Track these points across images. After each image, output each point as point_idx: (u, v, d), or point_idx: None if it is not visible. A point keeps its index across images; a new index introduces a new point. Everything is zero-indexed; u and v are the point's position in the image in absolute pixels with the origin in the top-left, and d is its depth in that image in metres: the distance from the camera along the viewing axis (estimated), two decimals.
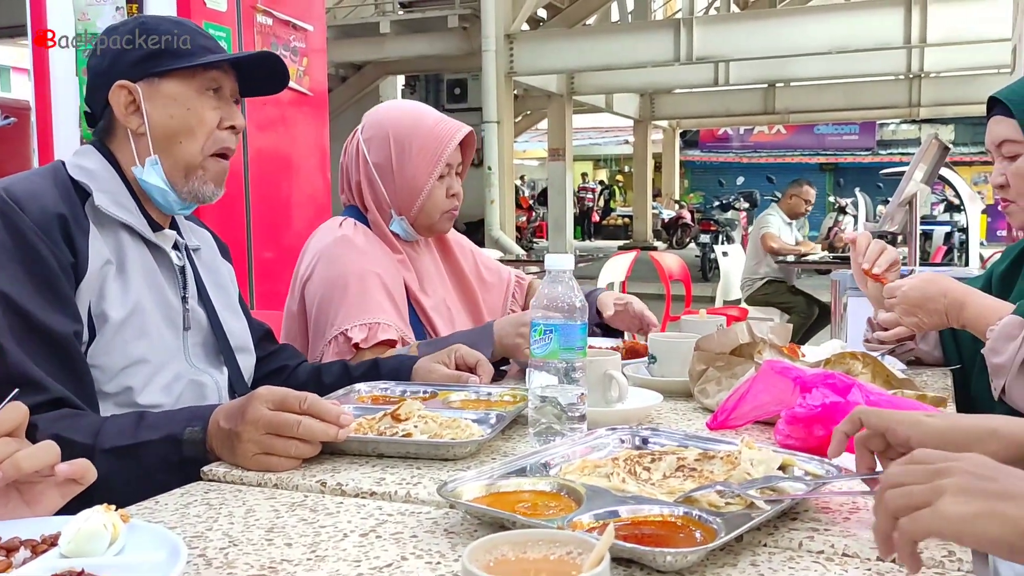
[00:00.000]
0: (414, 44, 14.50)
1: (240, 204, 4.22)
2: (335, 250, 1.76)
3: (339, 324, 1.69)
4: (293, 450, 1.09)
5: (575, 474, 1.01)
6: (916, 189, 3.59)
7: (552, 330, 1.15)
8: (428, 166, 1.78)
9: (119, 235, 1.31)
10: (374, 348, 1.68)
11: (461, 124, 1.83)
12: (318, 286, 1.73)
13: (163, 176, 1.34)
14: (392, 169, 1.78)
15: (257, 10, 4.28)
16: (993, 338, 1.38)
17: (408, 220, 1.82)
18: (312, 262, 1.77)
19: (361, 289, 1.71)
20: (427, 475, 1.07)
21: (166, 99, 1.34)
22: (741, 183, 22.51)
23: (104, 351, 1.25)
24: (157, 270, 1.35)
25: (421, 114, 1.83)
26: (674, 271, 6.37)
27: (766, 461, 0.98)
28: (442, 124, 1.81)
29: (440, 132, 1.79)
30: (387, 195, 1.80)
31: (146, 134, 1.33)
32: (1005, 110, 1.51)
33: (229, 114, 1.38)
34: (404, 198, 1.80)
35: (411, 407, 1.20)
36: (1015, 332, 1.35)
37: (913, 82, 16.06)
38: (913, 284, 1.53)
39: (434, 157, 1.78)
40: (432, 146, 1.78)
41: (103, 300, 1.25)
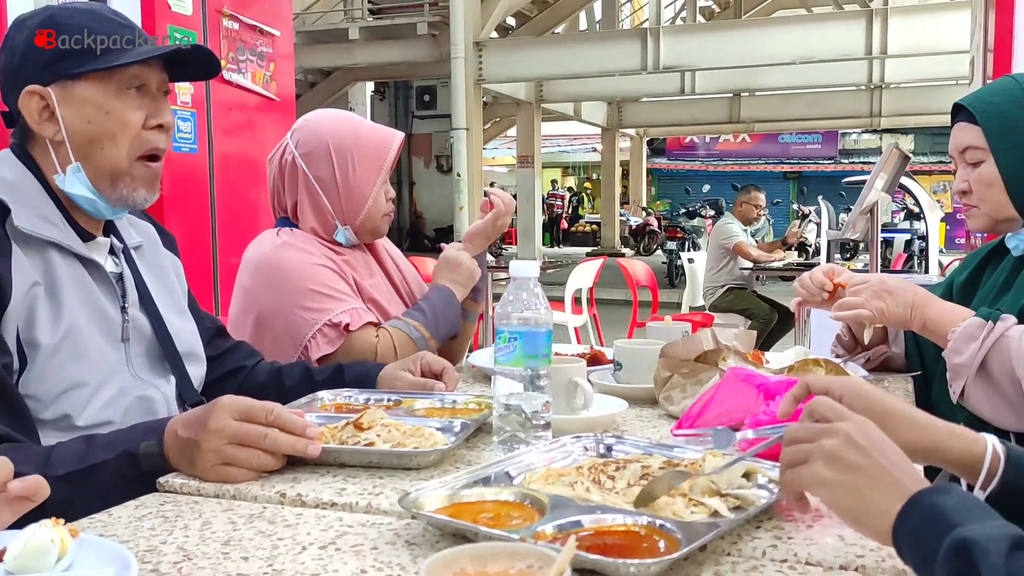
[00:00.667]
0: (383, 51, 14.47)
1: (205, 210, 4.16)
2: (281, 253, 1.74)
3: (318, 317, 1.67)
4: (255, 461, 1.07)
5: (539, 483, 1.00)
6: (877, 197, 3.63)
7: (517, 337, 1.14)
8: (373, 174, 1.80)
9: (46, 253, 1.21)
10: (363, 329, 1.69)
11: (393, 130, 1.87)
12: (274, 291, 1.71)
13: (88, 184, 1.25)
14: (336, 181, 1.78)
15: (223, 15, 4.23)
16: (955, 339, 1.39)
17: (352, 228, 1.82)
18: (259, 270, 1.74)
19: (323, 281, 1.71)
20: (389, 485, 1.05)
21: (82, 103, 1.22)
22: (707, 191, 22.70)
23: (38, 379, 1.17)
24: (92, 283, 1.26)
25: (356, 123, 1.84)
26: (641, 278, 6.41)
27: (730, 469, 0.97)
28: (379, 131, 1.84)
29: (379, 140, 1.81)
30: (331, 207, 1.79)
31: (64, 141, 1.23)
32: (969, 117, 1.52)
33: (156, 111, 1.27)
34: (351, 208, 1.80)
35: (374, 416, 1.19)
36: (976, 333, 1.36)
37: (874, 92, 16.32)
38: (881, 278, 1.55)
39: (378, 165, 1.80)
40: (375, 155, 1.80)
41: (32, 326, 1.17)
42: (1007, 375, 1.32)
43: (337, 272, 1.75)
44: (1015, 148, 1.47)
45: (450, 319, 1.84)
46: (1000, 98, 1.50)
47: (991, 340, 1.34)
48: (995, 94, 1.51)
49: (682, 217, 15.24)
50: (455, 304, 1.85)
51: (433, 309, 1.81)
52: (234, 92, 4.26)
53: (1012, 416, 1.34)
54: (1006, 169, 1.48)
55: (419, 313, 1.79)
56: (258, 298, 1.73)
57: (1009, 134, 1.47)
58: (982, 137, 1.50)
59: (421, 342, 1.74)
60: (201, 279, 4.07)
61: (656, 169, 25.84)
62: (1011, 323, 1.35)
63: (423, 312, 1.80)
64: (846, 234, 3.92)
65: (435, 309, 1.81)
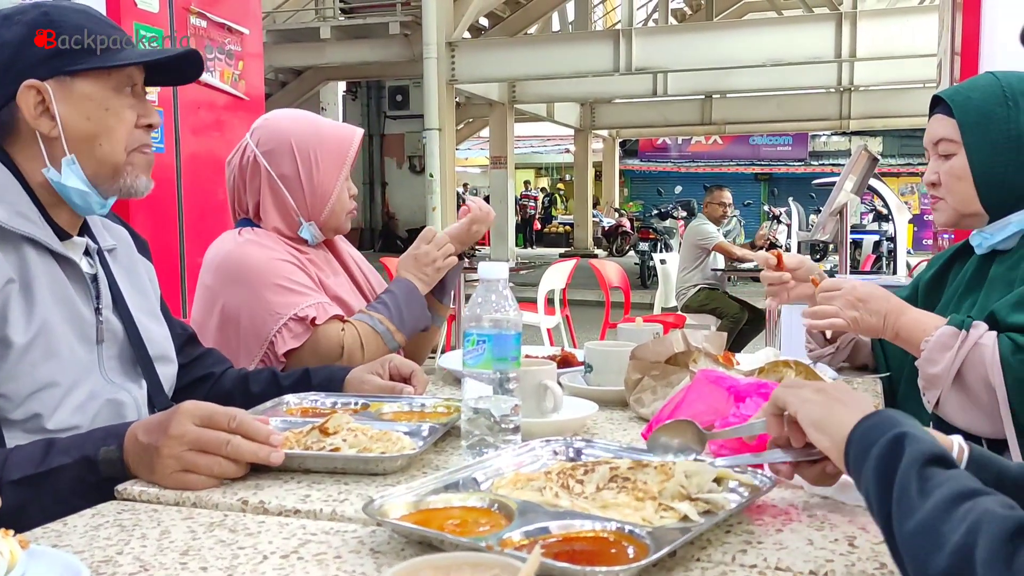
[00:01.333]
0: (355, 50, 14.40)
1: (172, 209, 4.11)
2: (243, 249, 1.73)
3: (283, 311, 1.66)
4: (216, 468, 1.05)
5: (507, 488, 0.98)
6: (847, 199, 3.66)
7: (485, 340, 1.13)
8: (336, 170, 1.81)
9: (22, 250, 1.20)
10: (329, 323, 1.68)
11: (353, 127, 1.88)
12: (238, 287, 1.68)
13: (83, 177, 1.25)
14: (300, 178, 1.78)
15: (191, 12, 4.18)
16: (929, 348, 1.39)
17: (317, 224, 1.82)
18: (221, 268, 1.72)
19: (287, 276, 1.70)
20: (355, 491, 1.03)
21: (81, 100, 1.23)
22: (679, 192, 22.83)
23: (9, 378, 1.15)
24: (67, 282, 1.25)
25: (316, 120, 1.85)
26: (613, 279, 6.42)
27: (700, 472, 0.96)
28: (339, 128, 1.85)
29: (341, 136, 1.82)
30: (295, 204, 1.79)
31: (60, 137, 1.23)
32: (946, 109, 1.53)
33: (145, 112, 1.30)
34: (315, 204, 1.80)
35: (340, 420, 1.16)
36: (950, 343, 1.36)
37: (843, 95, 16.48)
38: (861, 282, 1.54)
39: (340, 161, 1.81)
40: (337, 150, 1.80)
41: (6, 324, 1.15)
42: (982, 383, 1.33)
43: (300, 267, 1.74)
44: (987, 143, 1.47)
45: (415, 312, 1.83)
46: (978, 93, 1.50)
47: (965, 349, 1.34)
48: (974, 89, 1.51)
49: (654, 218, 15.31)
50: (418, 297, 1.85)
51: (396, 302, 1.80)
52: (202, 91, 4.21)
53: (987, 423, 1.34)
54: (977, 164, 1.48)
55: (382, 307, 1.79)
56: (221, 296, 1.70)
57: (983, 129, 1.47)
58: (956, 130, 1.50)
59: (387, 335, 1.74)
60: (168, 280, 4.01)
61: (629, 170, 25.94)
62: (983, 330, 1.35)
63: (386, 305, 1.79)
64: (816, 235, 3.95)
65: (398, 302, 1.80)
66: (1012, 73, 1.52)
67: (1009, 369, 1.30)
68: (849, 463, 0.82)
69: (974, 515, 0.63)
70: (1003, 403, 1.31)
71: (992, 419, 1.34)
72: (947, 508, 0.65)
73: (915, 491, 0.69)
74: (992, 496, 0.66)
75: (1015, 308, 1.35)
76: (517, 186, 23.58)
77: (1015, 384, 1.29)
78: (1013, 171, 1.46)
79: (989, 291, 1.49)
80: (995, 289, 1.48)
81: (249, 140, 1.80)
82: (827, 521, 0.93)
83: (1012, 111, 1.46)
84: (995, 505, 0.64)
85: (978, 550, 0.60)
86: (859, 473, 0.79)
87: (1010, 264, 1.47)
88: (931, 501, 0.67)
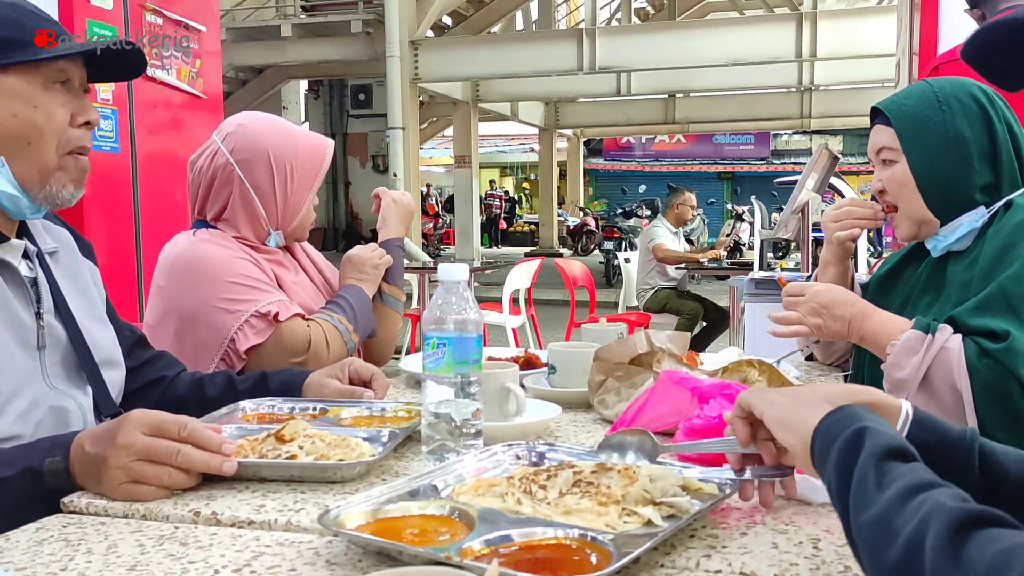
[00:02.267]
0: (317, 48, 14.26)
1: (128, 211, 4.03)
2: (198, 248, 1.69)
3: (244, 307, 1.62)
4: (166, 479, 1.01)
5: (469, 495, 0.96)
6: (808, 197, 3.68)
7: (446, 343, 1.10)
8: (308, 183, 1.81)
9: None
10: (293, 320, 1.66)
11: (326, 138, 1.88)
12: (193, 288, 1.64)
13: (12, 180, 1.19)
14: (275, 191, 1.75)
15: (146, 9, 4.10)
16: (895, 352, 1.39)
17: (283, 234, 1.81)
18: (175, 268, 1.68)
19: (245, 272, 1.67)
20: (311, 500, 1.01)
21: (7, 96, 1.16)
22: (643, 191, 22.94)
23: None
24: (4, 287, 1.20)
25: (292, 131, 1.82)
26: (578, 278, 6.42)
27: (665, 477, 0.95)
28: (314, 141, 1.84)
29: (315, 151, 1.82)
30: (265, 215, 1.76)
31: None
32: (885, 119, 1.56)
33: (82, 109, 1.23)
34: (286, 216, 1.79)
35: (296, 427, 1.13)
36: (916, 347, 1.36)
37: (804, 94, 16.68)
38: (823, 286, 1.54)
39: (313, 174, 1.81)
40: (311, 164, 1.80)
41: None
42: (948, 387, 1.33)
43: (257, 265, 1.71)
44: (926, 147, 1.50)
45: (366, 315, 1.84)
46: (913, 100, 1.53)
47: (932, 354, 1.34)
48: (909, 97, 1.55)
49: (619, 217, 15.37)
50: (367, 300, 1.86)
51: (350, 304, 1.80)
52: (158, 89, 4.13)
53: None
54: (917, 168, 1.51)
55: (338, 307, 1.78)
56: (176, 297, 1.66)
57: (920, 134, 1.50)
58: (895, 138, 1.53)
59: (346, 334, 1.74)
60: (124, 283, 3.93)
61: (593, 169, 26.03)
62: (948, 334, 1.35)
63: (341, 307, 1.78)
64: (778, 234, 3.97)
65: (351, 304, 1.80)
66: (944, 79, 1.56)
67: (976, 374, 1.30)
68: (814, 458, 0.82)
69: (926, 507, 0.63)
70: (969, 406, 1.31)
71: (958, 423, 1.35)
72: (901, 500, 0.66)
73: (872, 484, 0.70)
74: (945, 488, 0.66)
75: (975, 312, 1.36)
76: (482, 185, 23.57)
77: (982, 389, 1.30)
78: (954, 172, 1.48)
79: (947, 293, 1.50)
80: (953, 290, 1.49)
81: (221, 145, 1.74)
82: (792, 523, 0.92)
83: (947, 114, 1.49)
84: (947, 497, 0.64)
85: (927, 541, 0.60)
86: (823, 467, 0.79)
87: (965, 265, 1.48)
88: (887, 494, 0.67)
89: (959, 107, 1.49)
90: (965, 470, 0.87)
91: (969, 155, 1.48)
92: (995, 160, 1.48)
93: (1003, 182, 1.49)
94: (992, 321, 1.33)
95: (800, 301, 1.54)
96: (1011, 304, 1.33)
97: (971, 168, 1.48)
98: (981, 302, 1.36)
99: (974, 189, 1.48)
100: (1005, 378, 1.28)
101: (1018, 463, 0.87)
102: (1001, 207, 1.47)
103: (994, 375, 1.29)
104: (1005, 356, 1.29)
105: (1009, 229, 1.40)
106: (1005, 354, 1.29)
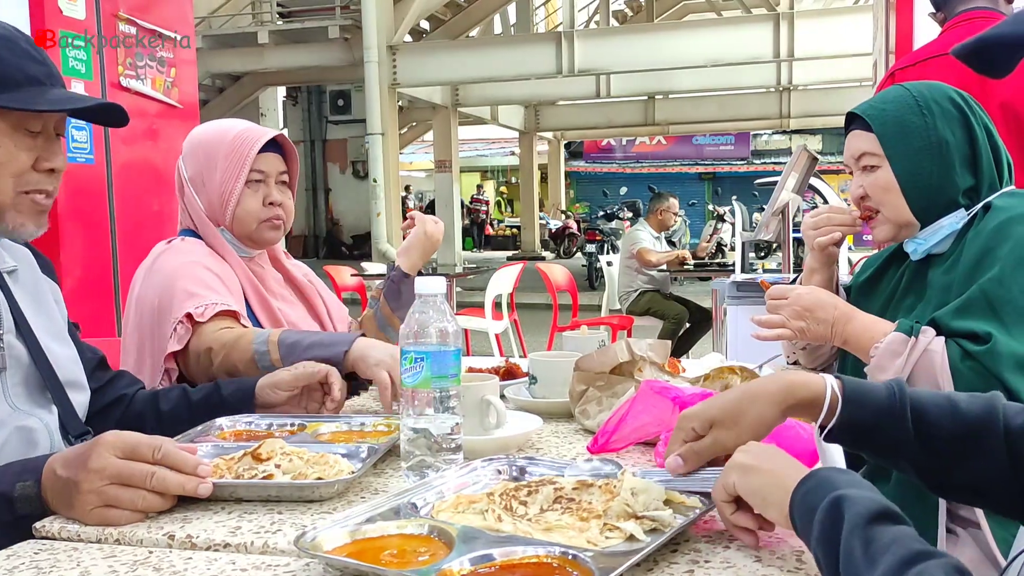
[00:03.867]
0: (294, 55, 14.19)
1: (104, 223, 3.98)
2: (163, 258, 1.68)
3: (175, 315, 1.57)
4: (140, 502, 0.99)
5: (448, 512, 0.95)
6: (788, 198, 3.69)
7: (423, 358, 1.09)
8: (234, 171, 1.73)
9: None
10: (215, 320, 1.56)
11: (269, 130, 1.79)
12: (151, 296, 1.63)
13: None
14: (203, 179, 1.74)
15: (120, 18, 4.05)
16: (878, 355, 1.39)
17: (229, 231, 1.76)
18: (141, 278, 1.67)
19: (197, 278, 1.62)
20: (289, 521, 0.99)
21: None
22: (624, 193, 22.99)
23: None
24: None
25: (232, 125, 1.80)
26: (560, 282, 6.41)
27: (647, 490, 0.94)
28: (249, 131, 1.78)
29: (245, 137, 1.75)
30: (203, 207, 1.74)
31: None
32: (863, 124, 1.55)
33: (48, 154, 1.21)
34: (216, 207, 1.74)
35: (273, 445, 1.11)
36: (900, 349, 1.36)
37: (783, 94, 16.77)
38: (806, 289, 1.53)
39: (239, 161, 1.73)
40: (236, 151, 1.73)
41: None
42: (932, 389, 1.33)
43: (213, 269, 1.66)
44: (910, 152, 1.50)
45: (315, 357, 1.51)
46: (893, 105, 1.53)
47: (915, 356, 1.34)
48: (887, 102, 1.55)
49: (600, 220, 15.39)
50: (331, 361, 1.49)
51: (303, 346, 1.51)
52: (133, 99, 4.08)
53: None
54: (902, 173, 1.51)
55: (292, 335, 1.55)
56: (138, 308, 1.65)
57: (903, 139, 1.50)
58: (877, 143, 1.52)
59: (264, 358, 1.50)
60: (101, 296, 3.88)
61: (574, 172, 26.04)
62: (931, 336, 1.35)
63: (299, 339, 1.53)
64: (759, 235, 3.97)
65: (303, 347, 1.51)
66: (919, 83, 1.56)
67: (959, 376, 1.30)
68: (798, 531, 0.81)
69: None
70: None
71: None
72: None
73: (860, 556, 0.69)
74: (938, 559, 0.66)
75: (957, 315, 1.36)
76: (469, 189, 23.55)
77: (965, 391, 1.29)
78: (937, 177, 1.49)
79: (929, 296, 1.50)
80: (934, 293, 1.49)
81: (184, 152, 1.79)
82: (774, 536, 0.91)
83: (928, 118, 1.49)
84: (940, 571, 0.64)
85: None
86: (807, 540, 0.79)
87: (946, 267, 1.49)
88: (878, 570, 0.66)
89: (939, 111, 1.49)
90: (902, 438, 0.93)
91: (951, 159, 1.48)
92: (975, 163, 1.49)
93: (983, 184, 1.49)
94: (974, 323, 1.33)
95: (783, 304, 1.54)
96: (992, 307, 1.33)
97: (953, 172, 1.48)
98: (963, 304, 1.36)
99: (956, 192, 1.48)
100: (988, 380, 1.28)
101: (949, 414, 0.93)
102: (980, 209, 1.47)
103: (977, 377, 1.30)
104: (988, 358, 1.29)
105: (989, 232, 1.40)
106: (987, 356, 1.29)
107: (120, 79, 4.03)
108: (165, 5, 4.38)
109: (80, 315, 2.63)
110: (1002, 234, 1.38)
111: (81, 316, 2.70)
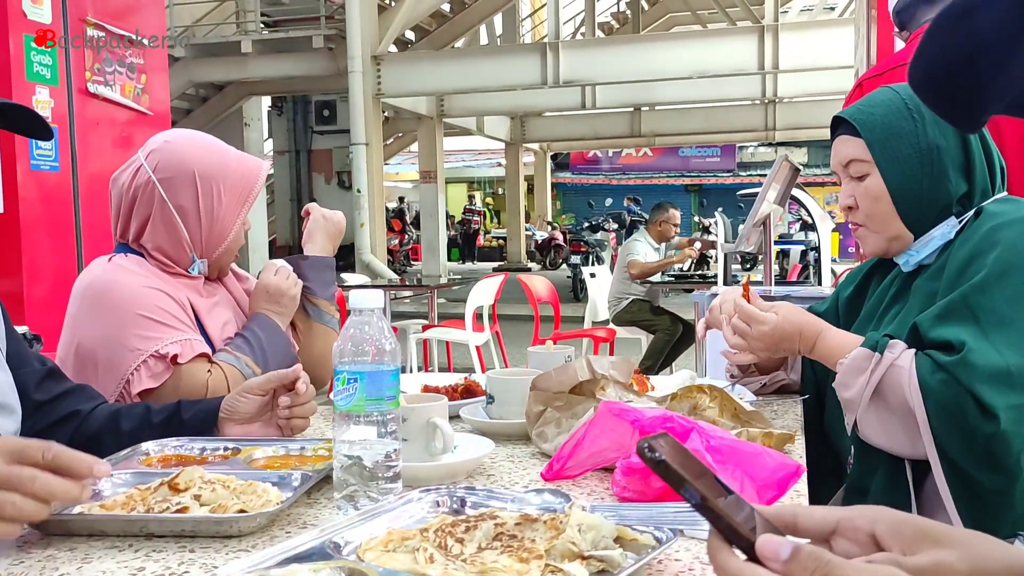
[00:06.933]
0: (278, 64, 14.09)
1: (70, 232, 3.87)
2: (111, 276, 1.56)
3: (144, 346, 1.49)
4: (9, 508, 0.88)
5: (377, 551, 0.85)
6: (770, 210, 3.63)
7: (357, 378, 1.00)
8: (237, 206, 1.67)
9: None
10: (194, 362, 1.52)
11: (260, 160, 1.75)
12: (99, 318, 1.52)
13: None
14: (199, 213, 1.63)
15: (87, 23, 3.96)
16: (842, 372, 1.31)
17: (208, 261, 1.67)
18: (85, 297, 1.56)
19: (155, 304, 1.53)
20: (199, 560, 0.89)
21: None
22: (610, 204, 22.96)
23: None
24: None
25: (223, 151, 1.69)
26: (543, 293, 6.32)
27: (597, 527, 0.85)
28: (246, 162, 1.70)
29: (246, 171, 1.68)
30: (189, 238, 1.63)
31: None
32: (850, 129, 1.45)
33: None
34: (211, 241, 1.65)
35: (192, 474, 1.02)
36: (864, 365, 1.28)
37: (768, 107, 16.79)
38: (770, 326, 1.43)
39: (243, 198, 1.67)
40: (241, 187, 1.66)
41: None
42: (901, 406, 1.25)
43: (171, 298, 1.57)
44: (899, 159, 1.40)
45: (278, 352, 1.67)
46: (881, 109, 1.43)
47: (879, 373, 1.26)
48: (875, 105, 1.44)
49: (586, 231, 15.33)
50: (280, 335, 1.70)
51: (259, 342, 1.64)
52: (101, 106, 3.99)
53: (907, 445, 1.27)
54: (892, 181, 1.41)
55: (246, 345, 1.62)
56: (81, 328, 1.54)
57: (893, 145, 1.40)
58: (866, 149, 1.43)
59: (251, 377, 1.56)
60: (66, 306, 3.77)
61: (560, 183, 26.01)
62: (900, 350, 1.27)
63: (250, 344, 1.63)
64: (740, 247, 3.91)
65: (261, 342, 1.64)
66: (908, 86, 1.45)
67: (929, 391, 1.22)
68: None
69: None
70: (923, 425, 1.22)
71: (913, 441, 1.26)
72: None
73: None
74: None
75: (936, 321, 1.27)
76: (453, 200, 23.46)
77: (935, 407, 1.21)
78: (928, 184, 1.40)
79: (912, 304, 1.42)
80: (918, 301, 1.40)
81: (144, 162, 1.62)
82: None
83: (919, 124, 1.39)
84: None
85: None
86: None
87: (930, 275, 1.40)
88: None
89: (930, 115, 1.39)
90: None
91: (944, 165, 1.38)
92: (969, 169, 1.40)
93: (975, 191, 1.40)
94: (951, 330, 1.24)
95: (748, 336, 1.45)
96: (973, 312, 1.24)
97: (947, 179, 1.39)
98: (943, 310, 1.28)
99: (950, 200, 1.39)
100: (959, 394, 1.19)
101: None
102: (971, 216, 1.39)
103: (948, 391, 1.20)
104: (959, 369, 1.20)
105: (977, 238, 1.32)
106: (959, 367, 1.20)
107: (88, 85, 3.94)
108: (137, 10, 4.29)
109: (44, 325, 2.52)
110: (990, 240, 1.30)
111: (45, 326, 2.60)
